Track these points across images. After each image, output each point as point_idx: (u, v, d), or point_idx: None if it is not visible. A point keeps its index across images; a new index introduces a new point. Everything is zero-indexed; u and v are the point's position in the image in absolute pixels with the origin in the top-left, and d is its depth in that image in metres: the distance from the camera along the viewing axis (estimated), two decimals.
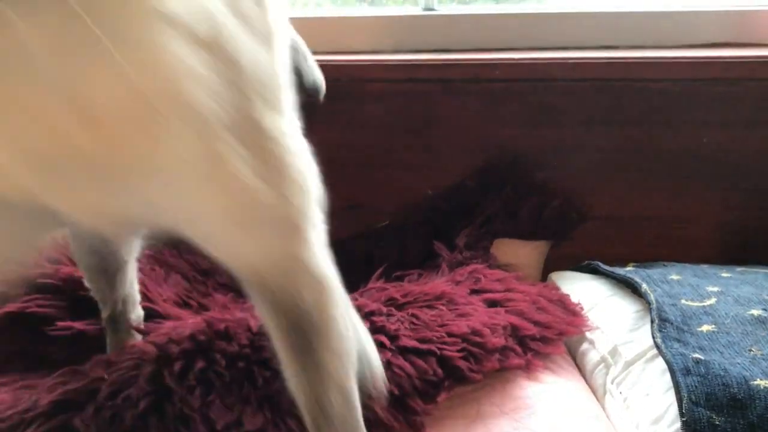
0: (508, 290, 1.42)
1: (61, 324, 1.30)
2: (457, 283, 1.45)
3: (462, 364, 1.18)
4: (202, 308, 1.46)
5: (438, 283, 1.43)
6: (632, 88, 1.70)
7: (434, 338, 1.20)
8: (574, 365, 1.38)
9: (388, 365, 1.13)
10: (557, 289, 1.56)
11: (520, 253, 1.71)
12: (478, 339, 1.21)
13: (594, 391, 1.29)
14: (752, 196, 1.72)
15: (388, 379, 1.11)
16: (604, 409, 1.23)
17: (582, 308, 1.45)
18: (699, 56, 1.68)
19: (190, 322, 1.21)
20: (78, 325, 1.31)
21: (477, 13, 1.95)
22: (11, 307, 1.33)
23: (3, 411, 1.05)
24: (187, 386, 1.06)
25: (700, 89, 1.67)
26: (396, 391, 1.11)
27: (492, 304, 1.37)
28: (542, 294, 1.45)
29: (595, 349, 1.36)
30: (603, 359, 1.32)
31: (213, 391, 1.05)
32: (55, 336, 1.31)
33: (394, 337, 1.20)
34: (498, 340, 1.23)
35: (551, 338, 1.31)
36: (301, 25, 2.00)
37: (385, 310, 1.28)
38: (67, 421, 1.01)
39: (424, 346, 1.18)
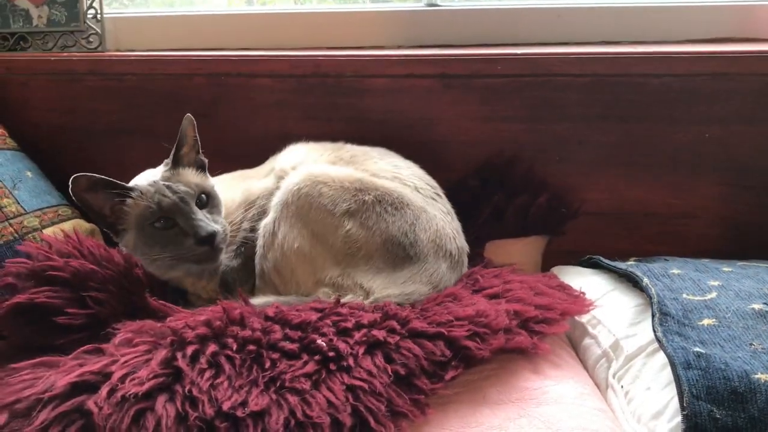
0: (505, 282, 1.45)
1: (70, 310, 1.33)
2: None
3: (469, 343, 1.21)
4: None
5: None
6: (633, 83, 1.71)
7: (443, 321, 1.24)
8: (577, 360, 1.39)
9: (396, 348, 1.17)
10: (556, 278, 1.57)
11: (513, 251, 1.72)
12: (483, 320, 1.25)
13: (596, 386, 1.30)
14: (753, 191, 1.73)
15: (395, 360, 1.15)
16: (606, 403, 1.24)
17: (584, 293, 1.46)
18: (700, 51, 1.69)
19: (208, 309, 1.25)
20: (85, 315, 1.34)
21: (479, 9, 1.96)
22: (20, 297, 1.36)
23: (20, 391, 1.08)
24: (198, 369, 1.09)
25: (701, 84, 1.68)
26: (402, 371, 1.13)
27: (493, 297, 1.38)
28: (541, 281, 1.48)
29: (597, 343, 1.37)
30: (605, 353, 1.33)
31: (222, 374, 1.08)
32: (60, 328, 1.33)
33: (404, 322, 1.23)
34: (502, 319, 1.26)
35: (554, 318, 1.33)
36: (303, 20, 2.02)
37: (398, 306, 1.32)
38: (81, 403, 1.03)
39: (433, 329, 1.21)
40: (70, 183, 1.34)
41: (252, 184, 1.62)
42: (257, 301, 1.35)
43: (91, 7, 2.00)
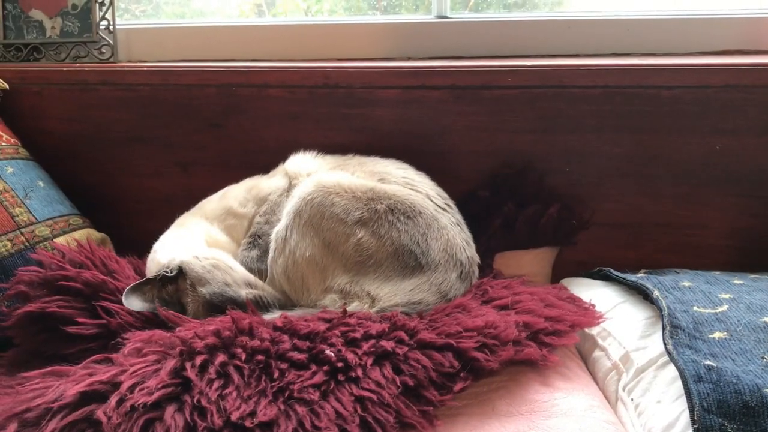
0: (515, 294, 1.44)
1: (81, 320, 1.36)
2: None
3: (478, 354, 1.20)
4: None
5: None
6: (644, 95, 1.70)
7: (452, 332, 1.23)
8: (587, 372, 1.38)
9: (405, 359, 1.16)
10: (566, 289, 1.57)
11: (523, 263, 1.72)
12: (492, 331, 1.24)
13: (606, 398, 1.29)
14: (765, 203, 1.72)
15: (404, 371, 1.14)
16: (616, 416, 1.23)
17: (594, 306, 1.46)
18: (711, 63, 1.68)
19: (217, 319, 1.25)
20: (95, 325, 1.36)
21: (489, 21, 1.96)
22: (32, 306, 1.38)
23: (30, 400, 1.09)
24: (207, 379, 1.09)
25: (712, 96, 1.67)
26: (411, 383, 1.13)
27: (502, 308, 1.38)
28: (550, 293, 1.48)
29: (607, 356, 1.36)
30: (614, 366, 1.32)
31: (231, 384, 1.08)
32: (71, 337, 1.35)
33: (413, 333, 1.22)
34: (511, 331, 1.25)
35: (564, 330, 1.33)
36: (314, 32, 2.03)
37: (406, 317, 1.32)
38: (91, 412, 1.04)
39: (442, 340, 1.21)
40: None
41: (259, 182, 1.66)
42: (266, 316, 1.35)
43: (103, 18, 2.02)
